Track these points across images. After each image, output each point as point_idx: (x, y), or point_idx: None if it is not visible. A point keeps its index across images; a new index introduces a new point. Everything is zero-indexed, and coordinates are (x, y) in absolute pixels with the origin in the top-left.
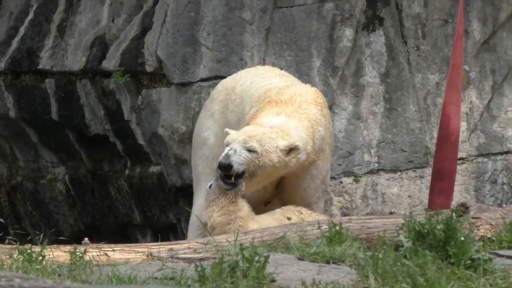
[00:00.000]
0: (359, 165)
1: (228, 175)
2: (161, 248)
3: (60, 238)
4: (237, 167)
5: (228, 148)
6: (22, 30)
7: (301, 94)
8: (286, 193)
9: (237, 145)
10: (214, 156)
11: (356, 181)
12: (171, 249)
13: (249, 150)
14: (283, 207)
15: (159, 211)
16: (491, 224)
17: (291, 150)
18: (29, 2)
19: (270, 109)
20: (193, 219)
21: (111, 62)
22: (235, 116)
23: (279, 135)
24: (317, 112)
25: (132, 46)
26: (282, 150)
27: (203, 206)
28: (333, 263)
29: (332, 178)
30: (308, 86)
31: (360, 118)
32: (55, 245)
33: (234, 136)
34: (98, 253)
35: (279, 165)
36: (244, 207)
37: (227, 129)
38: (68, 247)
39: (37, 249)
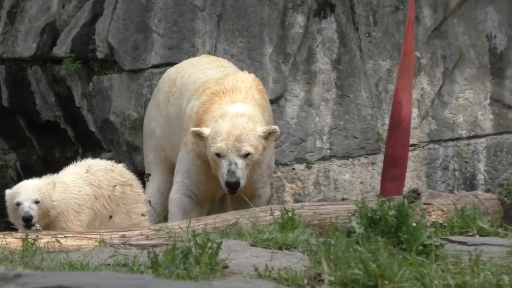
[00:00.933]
0: (311, 151)
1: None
2: (113, 235)
3: (12, 226)
4: (243, 182)
5: (226, 162)
6: None
7: (243, 81)
8: None
9: (233, 156)
10: (161, 146)
11: (309, 167)
12: (124, 236)
13: (245, 156)
14: None
15: None
16: (442, 210)
17: (269, 134)
18: None
19: (221, 99)
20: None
21: (61, 49)
22: (175, 110)
23: (253, 122)
24: (261, 97)
25: (83, 33)
26: (262, 136)
27: (155, 194)
28: (286, 249)
29: (285, 164)
30: (245, 72)
31: (312, 105)
32: (7, 232)
33: (223, 145)
34: (50, 240)
35: (263, 151)
36: None
37: (195, 129)
38: (20, 234)
39: None
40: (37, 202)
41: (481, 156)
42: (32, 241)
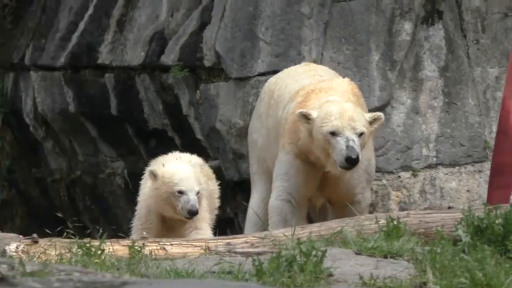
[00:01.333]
0: (418, 159)
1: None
2: (218, 243)
3: (120, 233)
4: (361, 158)
5: (343, 139)
6: (81, 25)
7: (339, 84)
8: (329, 186)
9: (350, 134)
10: (263, 157)
11: (414, 175)
12: (229, 244)
13: (360, 135)
14: None
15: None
16: None
17: (374, 120)
18: None
19: (318, 95)
20: (249, 215)
21: (169, 57)
22: (272, 122)
23: (359, 107)
24: (356, 100)
25: (191, 41)
26: (368, 121)
27: (259, 204)
28: (391, 257)
29: (390, 172)
30: (341, 78)
31: (418, 113)
32: (114, 239)
33: (339, 123)
34: (156, 247)
35: (369, 137)
36: None
37: (302, 111)
38: (126, 241)
39: (96, 243)
40: (197, 193)
41: None
42: (139, 249)
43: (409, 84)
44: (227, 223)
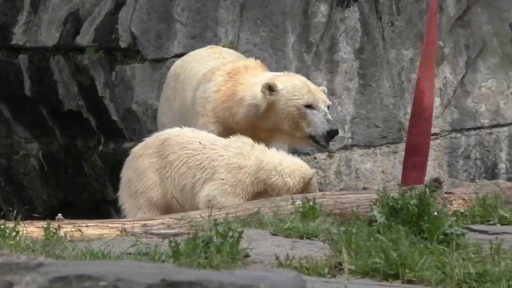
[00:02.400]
0: (333, 140)
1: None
2: (134, 224)
3: (34, 214)
4: None
5: (322, 113)
6: None
7: (253, 63)
8: None
9: (324, 106)
10: None
11: (330, 156)
12: (145, 225)
13: (328, 107)
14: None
15: None
16: (464, 199)
17: None
18: None
19: (246, 72)
20: None
21: (84, 38)
22: (177, 105)
23: None
24: None
25: (106, 22)
26: None
27: None
28: (307, 238)
29: (306, 153)
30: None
31: (334, 94)
32: (28, 221)
33: (316, 96)
34: (72, 229)
35: None
36: None
37: (269, 82)
38: (42, 223)
39: (10, 224)
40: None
41: (503, 145)
42: (54, 230)
43: (325, 66)
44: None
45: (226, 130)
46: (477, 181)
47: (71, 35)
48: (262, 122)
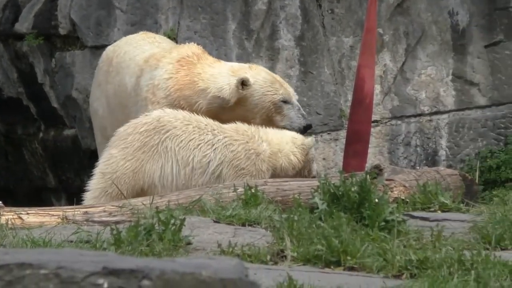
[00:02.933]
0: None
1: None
2: (76, 212)
3: None
4: None
5: (296, 107)
6: None
7: (198, 49)
8: None
9: (296, 101)
10: (105, 126)
11: None
12: (86, 212)
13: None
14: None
15: (74, 174)
16: (404, 186)
17: None
18: None
19: (199, 61)
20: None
21: (24, 25)
22: (112, 88)
23: None
24: None
25: (45, 9)
26: None
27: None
28: (249, 225)
29: None
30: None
31: None
32: None
33: (287, 91)
34: (13, 216)
35: None
36: None
37: (244, 77)
38: None
39: None
40: None
41: (443, 132)
42: None
43: (266, 53)
44: (84, 192)
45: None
46: (418, 168)
47: (10, 21)
48: (226, 114)
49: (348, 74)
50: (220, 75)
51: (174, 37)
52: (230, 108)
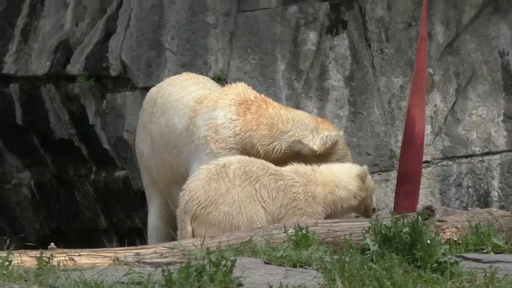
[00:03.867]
0: None
1: None
2: (127, 253)
3: (26, 243)
4: None
5: None
6: None
7: (251, 90)
8: None
9: None
10: (150, 167)
11: None
12: (138, 254)
13: None
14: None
15: (125, 215)
16: (457, 227)
17: None
18: None
19: (265, 105)
20: (150, 231)
21: (75, 67)
22: (157, 129)
23: None
24: None
25: (96, 50)
26: None
27: (157, 217)
28: (300, 266)
29: None
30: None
31: None
32: (21, 250)
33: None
34: (65, 258)
35: None
36: None
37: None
38: (34, 252)
39: (3, 254)
40: None
41: (495, 172)
42: (47, 260)
43: (315, 94)
44: (136, 233)
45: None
46: (470, 209)
47: (62, 63)
48: (298, 158)
49: (398, 114)
50: (303, 122)
51: (224, 78)
52: (306, 156)
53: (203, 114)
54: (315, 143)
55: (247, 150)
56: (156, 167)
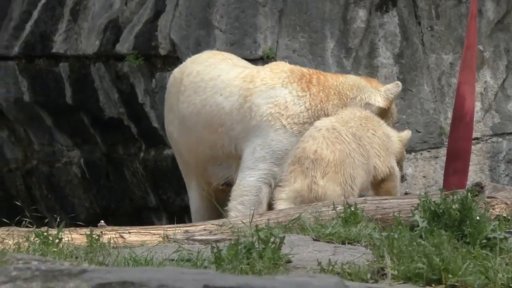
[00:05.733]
0: None
1: None
2: (177, 230)
3: (77, 222)
4: None
5: None
6: (35, 14)
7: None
8: None
9: None
10: (179, 149)
11: None
12: (187, 231)
13: None
14: None
15: (174, 193)
16: (506, 203)
17: None
18: None
19: (325, 77)
20: (193, 214)
21: (124, 46)
22: (190, 108)
23: None
24: None
25: (145, 29)
26: None
27: (198, 200)
28: (349, 243)
29: None
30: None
31: None
32: (71, 228)
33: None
34: (115, 236)
35: None
36: None
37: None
38: (84, 230)
39: (53, 232)
40: None
41: None
42: (97, 237)
43: (365, 71)
44: (185, 211)
45: None
46: None
47: (111, 42)
48: None
49: (448, 92)
50: (361, 84)
51: (273, 56)
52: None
53: (261, 93)
54: (379, 101)
55: None
56: (188, 146)
